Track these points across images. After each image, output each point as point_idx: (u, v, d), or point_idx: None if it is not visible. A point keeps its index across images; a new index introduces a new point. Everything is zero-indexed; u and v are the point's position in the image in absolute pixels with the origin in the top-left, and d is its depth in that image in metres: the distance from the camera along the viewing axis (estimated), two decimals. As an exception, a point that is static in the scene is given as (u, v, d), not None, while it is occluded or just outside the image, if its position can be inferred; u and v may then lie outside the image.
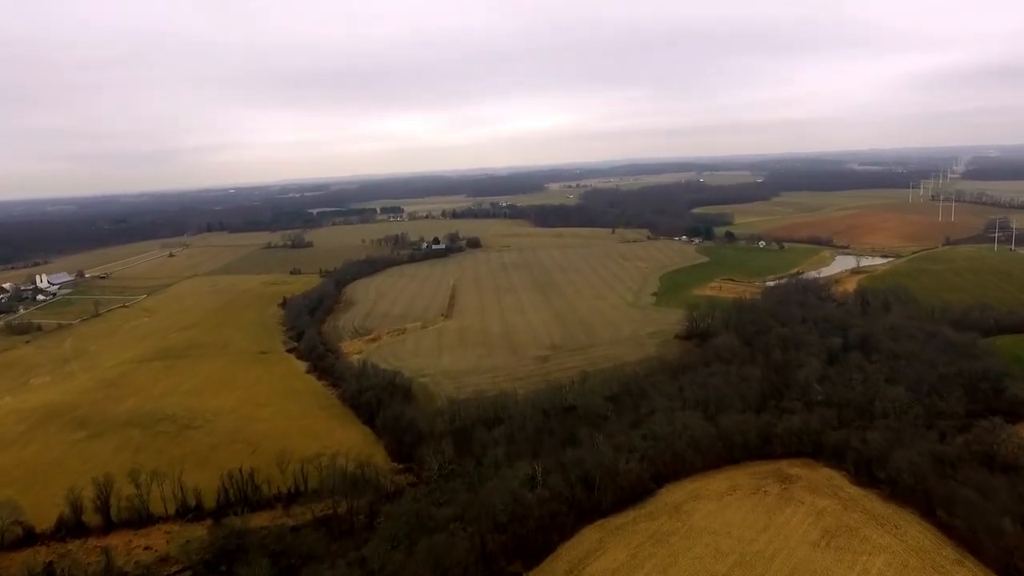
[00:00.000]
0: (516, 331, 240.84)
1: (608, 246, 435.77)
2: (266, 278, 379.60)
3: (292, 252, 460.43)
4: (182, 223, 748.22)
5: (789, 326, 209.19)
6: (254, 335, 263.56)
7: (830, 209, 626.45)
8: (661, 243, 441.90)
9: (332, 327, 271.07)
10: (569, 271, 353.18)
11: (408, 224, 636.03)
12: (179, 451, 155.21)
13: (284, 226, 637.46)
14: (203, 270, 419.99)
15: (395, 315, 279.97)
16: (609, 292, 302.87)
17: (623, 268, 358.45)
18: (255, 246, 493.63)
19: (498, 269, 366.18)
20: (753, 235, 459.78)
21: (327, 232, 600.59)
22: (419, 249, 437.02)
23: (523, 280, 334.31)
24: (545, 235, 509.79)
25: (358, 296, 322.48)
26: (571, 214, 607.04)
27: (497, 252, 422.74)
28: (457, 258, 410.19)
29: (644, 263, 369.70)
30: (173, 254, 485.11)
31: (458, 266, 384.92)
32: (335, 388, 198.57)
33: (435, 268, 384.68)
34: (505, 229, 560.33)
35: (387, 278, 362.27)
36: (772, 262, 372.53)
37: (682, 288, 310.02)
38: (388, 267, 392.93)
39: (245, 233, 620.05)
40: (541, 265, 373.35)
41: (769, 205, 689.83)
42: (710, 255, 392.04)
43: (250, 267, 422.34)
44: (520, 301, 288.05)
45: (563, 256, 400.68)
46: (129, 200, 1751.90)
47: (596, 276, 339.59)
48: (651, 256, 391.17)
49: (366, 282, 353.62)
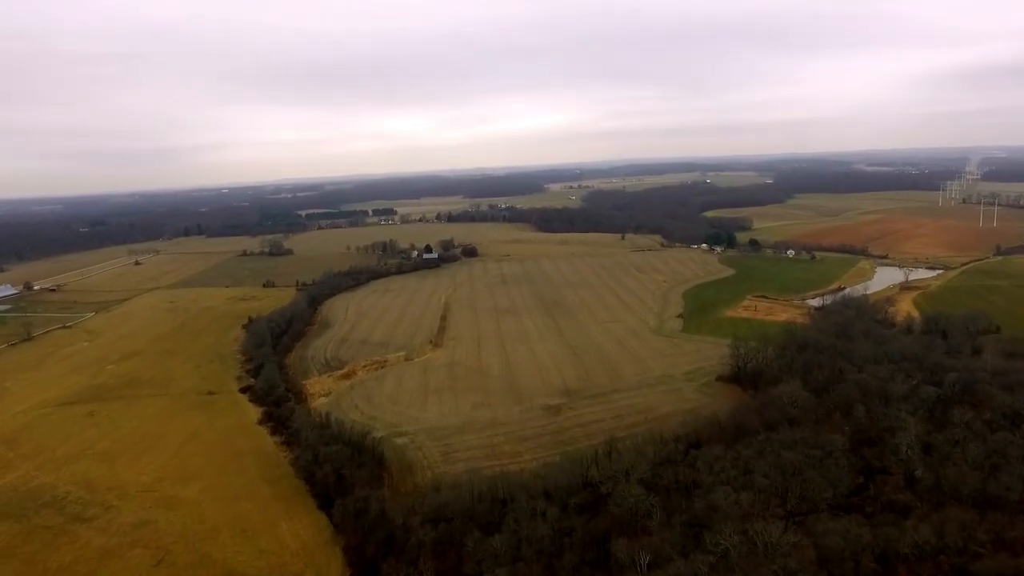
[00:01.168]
0: (520, 368, 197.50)
1: (619, 255, 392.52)
2: (234, 292, 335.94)
3: (269, 261, 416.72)
4: (161, 226, 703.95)
5: (864, 367, 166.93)
6: (205, 368, 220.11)
7: (853, 213, 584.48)
8: (678, 252, 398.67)
9: (299, 357, 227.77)
10: (578, 286, 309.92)
11: (399, 228, 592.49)
12: (54, 561, 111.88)
13: (267, 230, 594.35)
14: (167, 281, 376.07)
15: (375, 342, 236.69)
16: (627, 313, 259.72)
17: (639, 282, 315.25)
18: (231, 253, 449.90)
19: (497, 283, 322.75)
20: (778, 243, 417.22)
21: (311, 237, 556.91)
22: (408, 258, 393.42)
23: (526, 297, 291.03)
24: (548, 242, 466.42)
25: (335, 316, 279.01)
26: (575, 218, 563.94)
27: (496, 262, 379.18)
28: (451, 269, 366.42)
29: (663, 276, 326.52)
30: (140, 262, 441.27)
31: (451, 279, 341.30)
32: (290, 448, 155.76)
33: (425, 281, 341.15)
34: (504, 234, 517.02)
35: (370, 294, 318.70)
36: (806, 275, 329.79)
37: (710, 308, 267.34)
38: (373, 279, 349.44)
39: (224, 238, 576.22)
40: (546, 278, 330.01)
41: (785, 208, 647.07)
42: (735, 266, 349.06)
43: (220, 278, 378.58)
44: (523, 326, 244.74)
45: (570, 267, 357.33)
46: (118, 200, 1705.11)
47: (610, 292, 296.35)
48: (669, 267, 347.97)
49: (346, 298, 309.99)
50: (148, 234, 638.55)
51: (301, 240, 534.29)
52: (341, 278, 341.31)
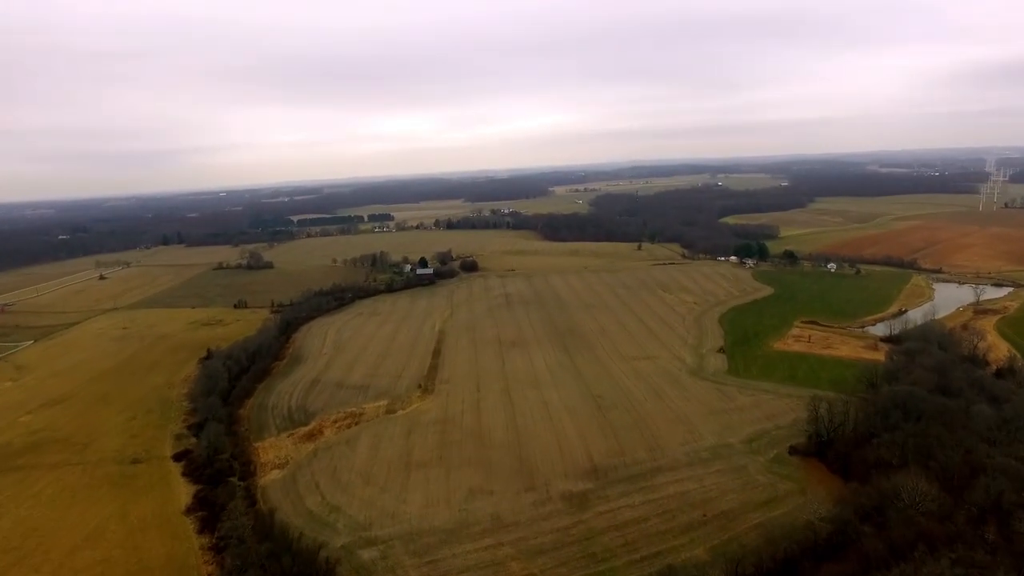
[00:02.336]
0: (530, 430, 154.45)
1: (638, 269, 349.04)
2: (200, 314, 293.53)
3: (246, 275, 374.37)
4: (143, 233, 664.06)
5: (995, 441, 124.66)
6: (140, 422, 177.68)
7: (885, 219, 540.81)
8: (704, 265, 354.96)
9: (258, 406, 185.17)
10: (595, 309, 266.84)
11: (394, 237, 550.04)
12: None
13: (251, 239, 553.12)
14: (128, 300, 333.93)
15: (352, 385, 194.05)
16: (657, 346, 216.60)
17: (666, 304, 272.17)
18: (206, 266, 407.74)
19: (500, 305, 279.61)
20: (814, 254, 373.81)
21: (297, 247, 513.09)
22: (400, 273, 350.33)
23: (534, 324, 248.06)
24: (557, 252, 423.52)
25: (310, 347, 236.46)
26: (585, 225, 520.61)
27: (499, 278, 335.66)
28: (448, 287, 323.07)
29: (692, 296, 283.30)
30: (105, 276, 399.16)
31: (448, 299, 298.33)
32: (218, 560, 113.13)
33: (418, 302, 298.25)
34: (508, 243, 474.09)
35: (354, 317, 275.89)
36: (856, 293, 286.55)
37: (755, 338, 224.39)
38: (359, 299, 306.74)
39: (204, 247, 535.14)
40: (557, 299, 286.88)
41: (810, 214, 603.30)
42: (772, 283, 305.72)
43: (187, 297, 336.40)
44: (533, 364, 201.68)
45: (584, 284, 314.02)
46: (112, 204, 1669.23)
47: (633, 317, 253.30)
48: (698, 285, 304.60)
49: (325, 323, 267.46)
50: (127, 242, 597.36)
51: (285, 251, 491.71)
52: (322, 298, 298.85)
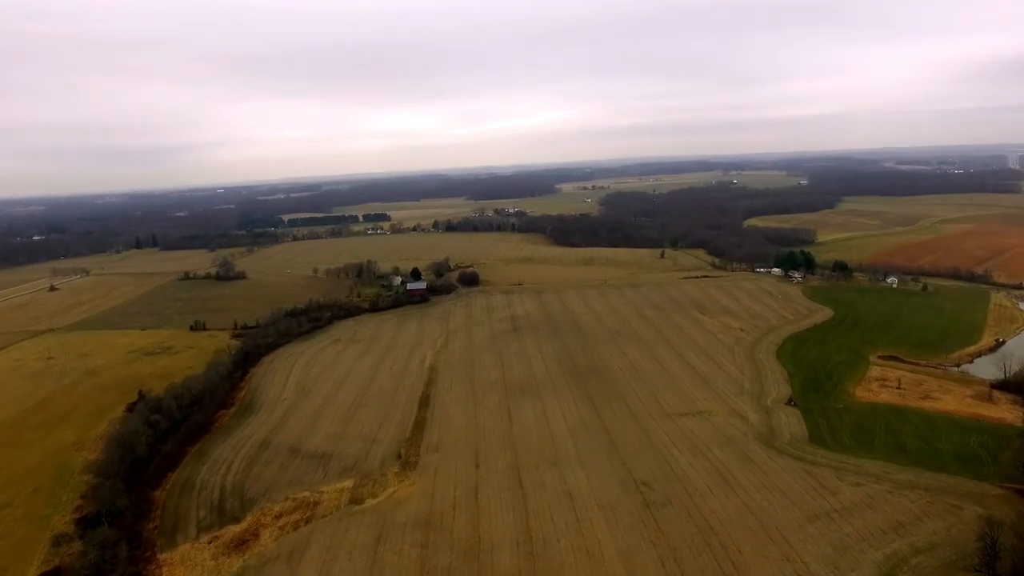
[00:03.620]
0: (552, 550, 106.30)
1: (666, 283, 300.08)
2: (147, 339, 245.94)
3: (214, 287, 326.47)
4: (119, 235, 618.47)
5: None
6: (16, 511, 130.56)
7: (929, 222, 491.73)
8: (742, 278, 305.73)
9: (181, 484, 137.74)
10: (622, 337, 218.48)
11: (388, 241, 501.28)
12: None
13: (231, 242, 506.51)
14: (71, 319, 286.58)
15: (311, 452, 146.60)
16: (708, 394, 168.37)
17: (707, 331, 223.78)
18: (173, 275, 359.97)
19: (506, 332, 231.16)
20: (864, 264, 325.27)
21: (278, 253, 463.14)
22: (389, 287, 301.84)
23: (549, 359, 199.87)
24: (569, 261, 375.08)
25: (267, 389, 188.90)
26: (598, 227, 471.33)
27: (504, 295, 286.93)
28: (443, 306, 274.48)
29: (737, 320, 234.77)
30: (56, 287, 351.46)
31: (442, 323, 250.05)
32: None
33: (407, 326, 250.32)
34: (514, 249, 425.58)
35: (329, 346, 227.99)
36: (933, 317, 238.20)
37: (827, 380, 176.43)
38: (338, 320, 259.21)
39: (178, 252, 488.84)
40: (574, 323, 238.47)
41: (842, 215, 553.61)
42: (828, 302, 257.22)
43: (141, 314, 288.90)
44: (549, 426, 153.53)
45: (605, 304, 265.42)
46: (105, 201, 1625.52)
47: (669, 350, 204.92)
48: (740, 304, 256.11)
49: (293, 354, 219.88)
50: (101, 245, 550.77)
51: (265, 257, 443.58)
52: (293, 320, 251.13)
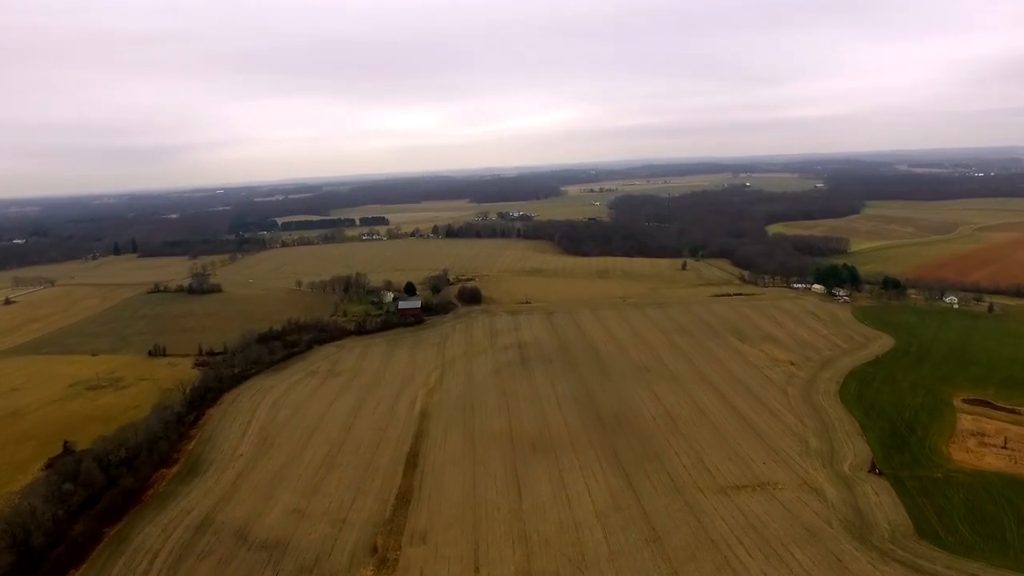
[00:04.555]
0: None
1: (693, 301, 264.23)
2: (95, 368, 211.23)
3: (184, 303, 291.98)
4: (102, 238, 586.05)
5: None
6: None
7: (968, 228, 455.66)
8: (779, 296, 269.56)
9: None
10: (652, 373, 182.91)
11: (383, 248, 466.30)
12: None
13: (215, 248, 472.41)
14: (16, 340, 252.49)
15: (262, 539, 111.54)
16: (766, 456, 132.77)
17: (750, 363, 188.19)
18: (144, 286, 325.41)
19: (513, 364, 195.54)
20: (913, 279, 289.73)
21: (264, 261, 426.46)
22: (379, 305, 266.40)
23: (566, 403, 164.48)
24: (581, 272, 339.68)
25: (222, 440, 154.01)
26: (611, 235, 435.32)
27: (510, 315, 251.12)
28: (440, 329, 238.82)
29: (783, 349, 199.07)
30: (12, 300, 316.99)
31: (438, 351, 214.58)
32: None
33: (396, 355, 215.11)
34: (520, 259, 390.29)
35: (303, 380, 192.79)
36: (1013, 346, 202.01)
37: (910, 435, 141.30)
38: (317, 345, 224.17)
39: (157, 259, 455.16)
40: (593, 352, 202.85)
41: (872, 221, 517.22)
42: (884, 326, 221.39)
43: (98, 335, 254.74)
44: (571, 506, 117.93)
45: (626, 327, 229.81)
46: (104, 202, 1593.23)
47: (710, 390, 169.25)
48: (784, 329, 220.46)
49: (260, 390, 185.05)
50: (80, 250, 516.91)
51: (247, 266, 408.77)
52: (267, 345, 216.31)
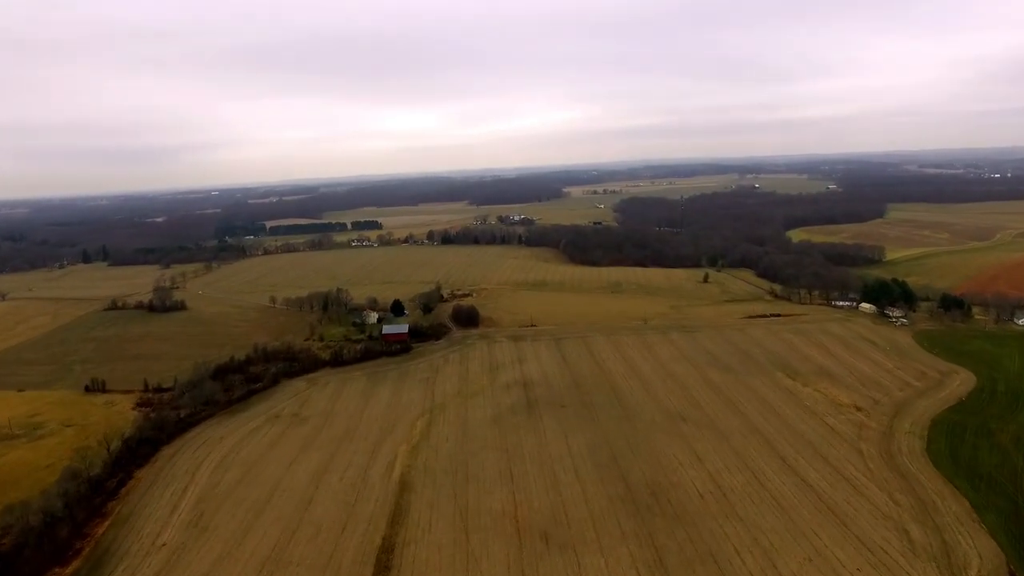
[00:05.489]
0: None
1: (724, 324, 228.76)
2: (18, 407, 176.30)
3: (141, 323, 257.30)
4: (77, 243, 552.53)
5: None
6: None
7: (1008, 235, 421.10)
8: (822, 316, 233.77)
9: None
10: (689, 424, 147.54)
11: (374, 256, 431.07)
12: None
13: (191, 256, 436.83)
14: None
15: None
16: (856, 556, 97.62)
17: (807, 409, 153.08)
18: (103, 301, 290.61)
19: (517, 410, 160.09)
20: (965, 293, 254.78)
21: (239, 272, 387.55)
22: (361, 327, 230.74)
23: (584, 467, 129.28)
24: (591, 285, 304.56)
25: (142, 522, 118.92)
26: (622, 242, 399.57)
27: (512, 342, 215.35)
28: (430, 359, 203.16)
29: (844, 389, 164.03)
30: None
31: (426, 391, 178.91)
32: None
33: (376, 395, 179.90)
34: (523, 269, 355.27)
35: (260, 430, 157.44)
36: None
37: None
38: (285, 379, 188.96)
39: (127, 267, 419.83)
40: (613, 392, 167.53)
41: (899, 226, 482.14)
42: (953, 354, 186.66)
43: (35, 362, 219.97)
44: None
45: (651, 359, 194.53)
46: (96, 204, 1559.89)
47: (766, 451, 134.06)
48: (837, 359, 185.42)
49: (207, 441, 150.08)
50: (45, 258, 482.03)
51: (222, 276, 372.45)
52: (223, 380, 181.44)
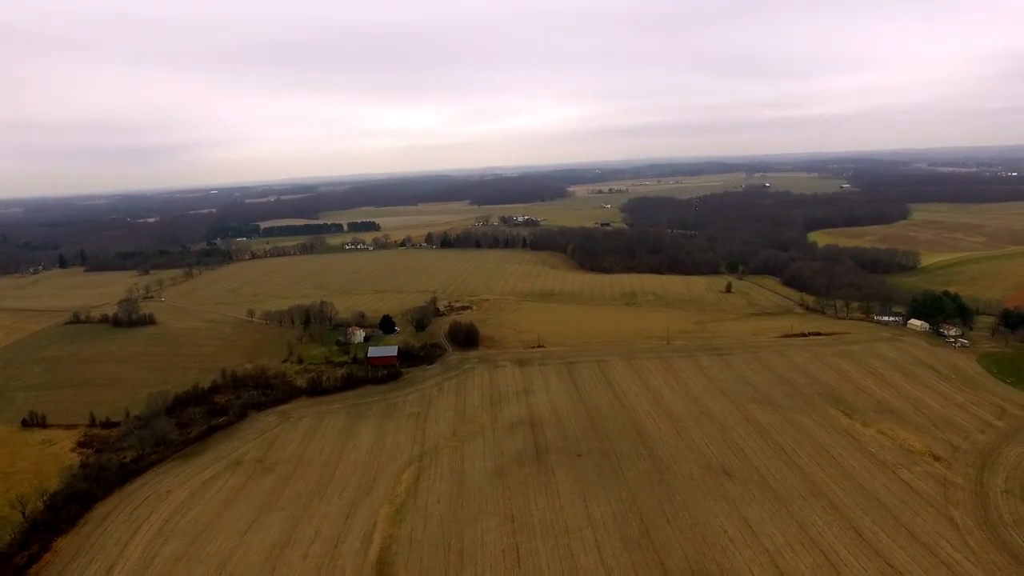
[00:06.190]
0: None
1: (758, 343, 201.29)
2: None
3: (104, 339, 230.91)
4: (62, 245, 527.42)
5: None
6: None
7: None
8: (867, 334, 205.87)
9: None
10: (735, 481, 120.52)
11: (367, 260, 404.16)
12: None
13: (171, 261, 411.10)
14: None
15: None
16: None
17: (876, 458, 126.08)
18: (65, 314, 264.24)
19: (524, 460, 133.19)
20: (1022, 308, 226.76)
21: (221, 280, 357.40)
22: (344, 347, 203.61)
23: (607, 540, 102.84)
24: (603, 295, 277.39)
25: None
26: (635, 246, 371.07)
27: (518, 368, 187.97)
28: (422, 389, 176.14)
29: (914, 431, 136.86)
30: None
31: (416, 431, 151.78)
32: None
33: (355, 435, 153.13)
34: (528, 276, 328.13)
35: (215, 482, 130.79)
36: None
37: None
38: (253, 411, 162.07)
39: (104, 274, 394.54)
40: (638, 437, 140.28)
41: (927, 229, 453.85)
42: None
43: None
44: None
45: (680, 391, 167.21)
46: (92, 203, 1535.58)
47: (833, 520, 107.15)
48: (897, 389, 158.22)
49: (150, 499, 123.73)
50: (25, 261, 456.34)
51: (203, 284, 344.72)
52: (181, 414, 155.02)
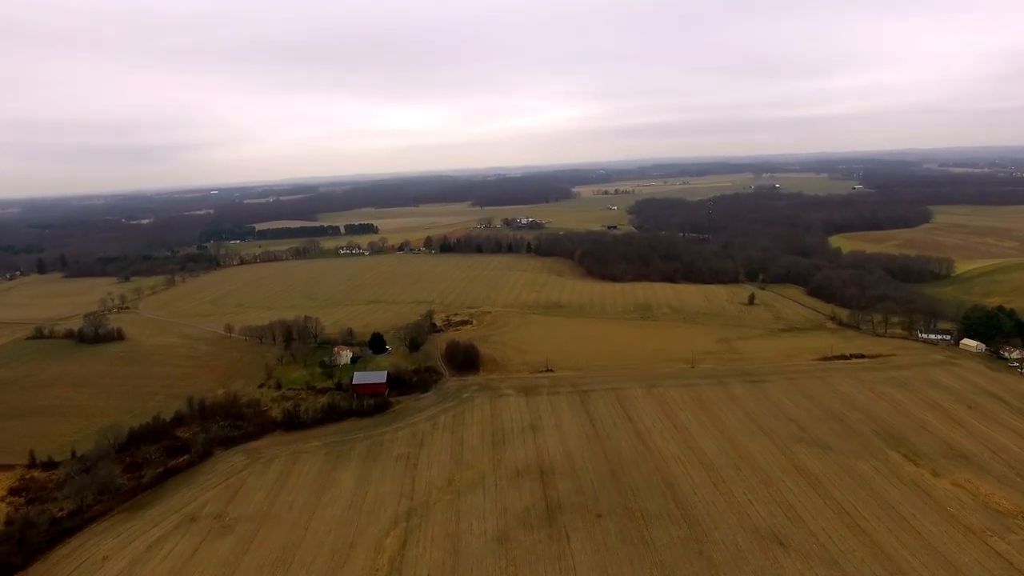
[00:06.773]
0: None
1: (795, 367, 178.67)
2: None
3: (66, 357, 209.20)
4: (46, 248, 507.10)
5: None
6: None
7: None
8: (917, 356, 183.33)
9: None
10: (789, 553, 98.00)
11: (362, 266, 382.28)
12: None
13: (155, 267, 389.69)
14: None
15: None
16: None
17: (959, 525, 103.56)
18: (31, 326, 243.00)
19: (531, 520, 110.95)
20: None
21: (205, 288, 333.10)
22: (327, 371, 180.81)
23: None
24: (615, 308, 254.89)
25: None
26: (648, 253, 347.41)
27: (523, 398, 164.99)
28: (414, 423, 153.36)
29: (999, 486, 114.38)
30: None
31: (404, 478, 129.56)
32: None
33: (334, 483, 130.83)
34: (533, 285, 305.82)
35: (163, 542, 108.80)
36: None
37: None
38: (219, 450, 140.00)
39: (84, 279, 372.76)
40: (668, 490, 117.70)
41: (955, 233, 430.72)
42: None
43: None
44: None
45: (713, 431, 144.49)
46: (89, 204, 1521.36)
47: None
48: (969, 429, 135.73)
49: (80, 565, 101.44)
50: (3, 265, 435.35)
51: (184, 293, 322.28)
52: (136, 451, 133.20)
